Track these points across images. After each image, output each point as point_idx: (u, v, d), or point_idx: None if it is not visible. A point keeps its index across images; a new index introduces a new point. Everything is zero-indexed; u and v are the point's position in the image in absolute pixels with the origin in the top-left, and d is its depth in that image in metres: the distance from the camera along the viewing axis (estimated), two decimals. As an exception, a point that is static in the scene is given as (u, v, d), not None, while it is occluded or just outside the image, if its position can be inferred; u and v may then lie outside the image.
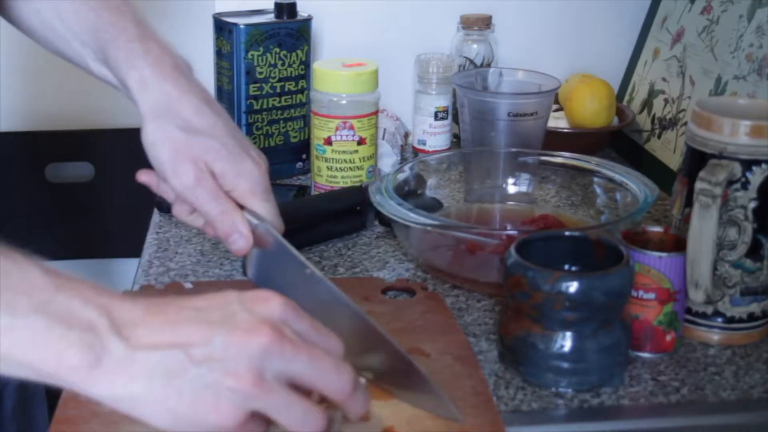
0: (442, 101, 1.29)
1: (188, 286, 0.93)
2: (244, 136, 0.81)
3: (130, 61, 0.80)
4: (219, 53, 1.21)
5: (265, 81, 1.21)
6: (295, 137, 1.26)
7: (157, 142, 0.79)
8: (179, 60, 0.81)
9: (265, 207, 0.81)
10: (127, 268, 1.45)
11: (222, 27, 1.20)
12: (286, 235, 1.03)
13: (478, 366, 0.79)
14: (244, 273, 0.83)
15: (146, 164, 0.82)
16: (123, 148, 1.46)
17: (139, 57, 0.80)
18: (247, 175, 0.80)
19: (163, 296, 0.63)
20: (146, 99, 0.79)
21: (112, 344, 0.57)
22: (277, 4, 1.22)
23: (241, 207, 0.81)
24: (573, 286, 0.75)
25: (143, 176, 0.85)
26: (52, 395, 0.73)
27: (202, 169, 0.79)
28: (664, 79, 1.30)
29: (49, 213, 1.46)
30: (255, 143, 1.22)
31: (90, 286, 0.60)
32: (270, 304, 0.61)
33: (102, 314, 0.58)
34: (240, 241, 0.80)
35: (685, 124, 1.21)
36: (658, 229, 0.87)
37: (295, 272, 0.75)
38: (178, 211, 0.85)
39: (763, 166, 0.83)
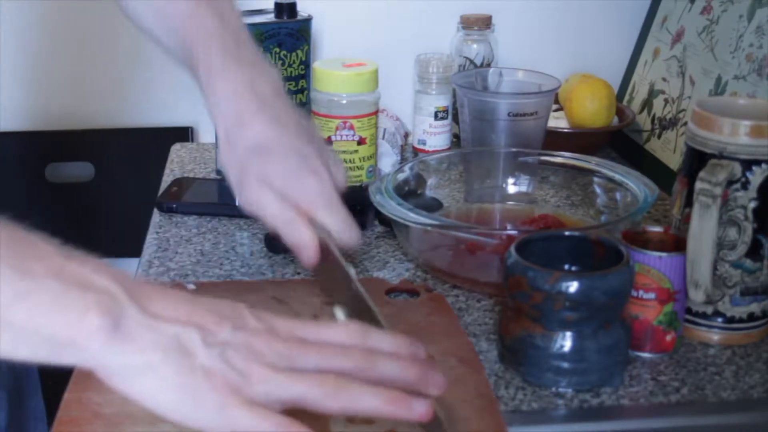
0: (442, 101, 1.29)
1: (191, 287, 0.92)
2: (312, 149, 0.83)
3: (210, 82, 0.83)
4: (219, 53, 1.21)
5: (265, 81, 1.21)
6: (295, 137, 1.26)
7: (226, 164, 0.83)
8: (257, 78, 0.84)
9: (328, 218, 0.82)
10: (127, 268, 1.45)
11: (222, 27, 1.20)
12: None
13: (481, 368, 0.78)
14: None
15: (146, 165, 0.82)
16: (123, 148, 1.46)
17: (218, 77, 0.83)
18: (306, 189, 0.81)
19: None
20: (220, 121, 0.83)
21: (130, 309, 0.58)
22: (277, 4, 1.22)
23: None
24: (573, 286, 0.75)
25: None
26: (52, 413, 0.73)
27: (264, 186, 0.81)
28: (664, 79, 1.30)
29: (49, 213, 1.46)
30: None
31: (96, 260, 0.60)
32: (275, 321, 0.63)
33: (115, 282, 0.59)
34: (305, 251, 0.81)
35: (685, 124, 1.21)
36: (658, 229, 0.87)
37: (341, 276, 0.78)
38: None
39: (763, 166, 0.83)
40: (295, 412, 0.69)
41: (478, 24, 1.35)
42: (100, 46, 1.43)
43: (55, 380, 0.75)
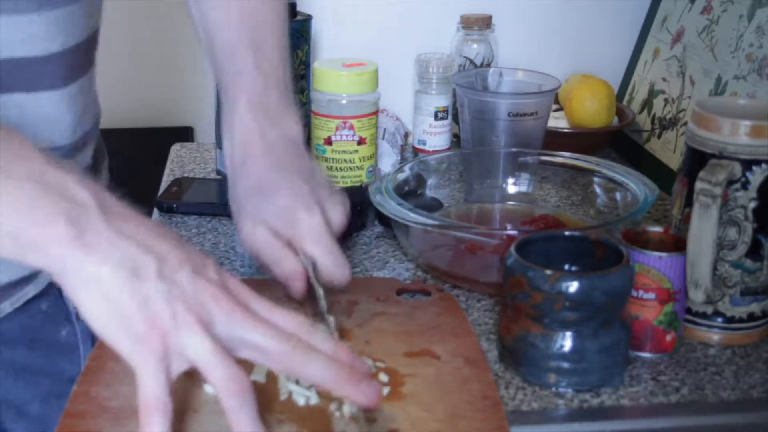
0: (442, 101, 1.29)
1: None
2: (307, 188, 0.84)
3: (229, 121, 0.87)
4: (219, 53, 1.21)
5: (265, 81, 1.21)
6: (295, 137, 1.26)
7: (230, 201, 0.86)
8: (271, 129, 0.86)
9: (317, 253, 0.83)
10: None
11: (222, 27, 1.20)
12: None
13: (488, 369, 0.78)
14: None
15: (146, 165, 0.82)
16: (123, 148, 1.46)
17: (235, 122, 0.86)
18: (296, 225, 0.83)
19: None
20: (228, 161, 0.87)
21: (98, 222, 0.59)
22: (277, 4, 1.22)
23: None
24: (573, 286, 0.75)
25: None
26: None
27: (257, 225, 0.83)
28: (664, 79, 1.30)
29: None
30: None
31: (81, 173, 0.62)
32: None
33: (93, 196, 0.60)
34: (292, 282, 0.82)
35: (685, 124, 1.21)
36: (658, 229, 0.87)
37: None
38: None
39: (763, 166, 0.83)
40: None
41: (478, 24, 1.35)
42: (100, 46, 1.43)
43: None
